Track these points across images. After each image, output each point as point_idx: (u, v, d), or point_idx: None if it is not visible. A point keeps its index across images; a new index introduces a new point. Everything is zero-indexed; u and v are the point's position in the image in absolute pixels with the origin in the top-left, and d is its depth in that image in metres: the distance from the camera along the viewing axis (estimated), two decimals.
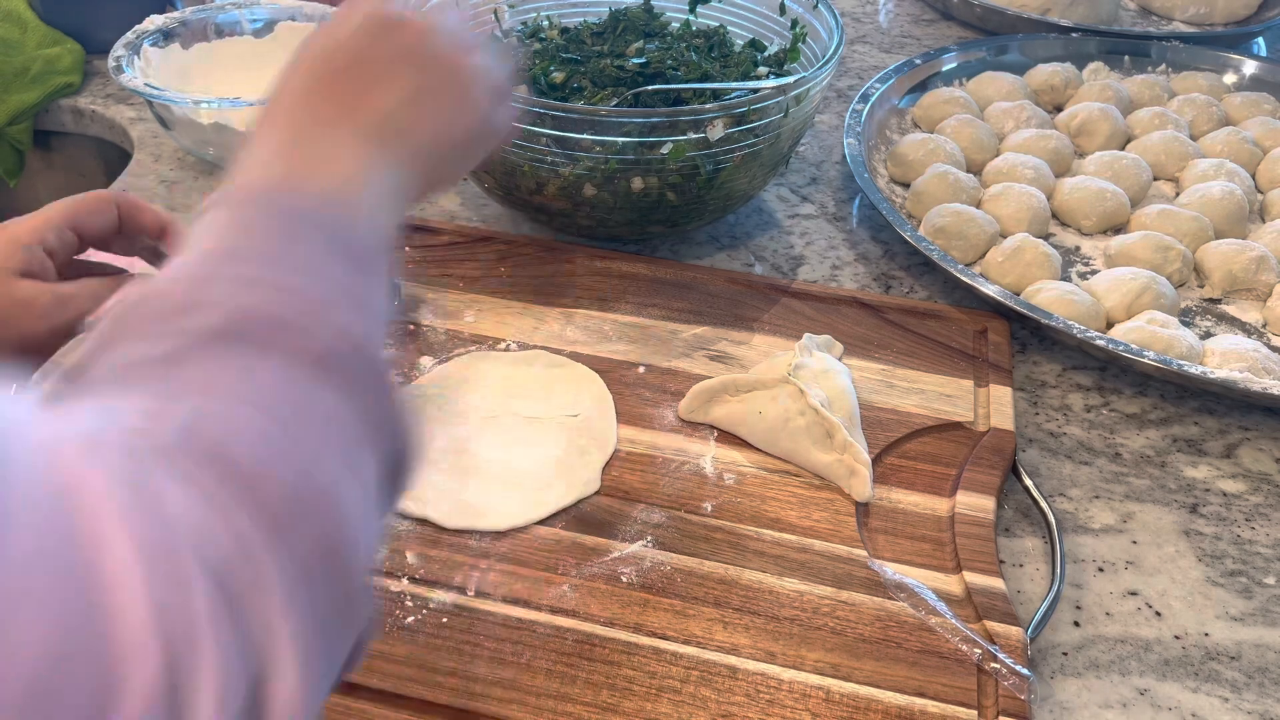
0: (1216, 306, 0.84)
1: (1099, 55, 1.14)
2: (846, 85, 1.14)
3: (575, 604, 0.56)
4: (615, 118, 0.73)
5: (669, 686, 0.52)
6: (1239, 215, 0.90)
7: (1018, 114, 1.01)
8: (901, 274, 0.85)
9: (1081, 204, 0.90)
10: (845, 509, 0.62)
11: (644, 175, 0.76)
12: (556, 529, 0.60)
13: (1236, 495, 0.68)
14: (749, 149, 0.77)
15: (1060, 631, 0.59)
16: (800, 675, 0.53)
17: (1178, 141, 0.98)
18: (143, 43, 0.92)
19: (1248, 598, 0.61)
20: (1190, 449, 0.71)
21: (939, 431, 0.68)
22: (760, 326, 0.76)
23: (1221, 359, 0.74)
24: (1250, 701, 0.56)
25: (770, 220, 0.91)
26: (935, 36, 1.26)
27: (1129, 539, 0.65)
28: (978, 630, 0.55)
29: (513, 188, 0.81)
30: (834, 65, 0.79)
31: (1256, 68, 1.11)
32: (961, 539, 0.60)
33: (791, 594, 0.57)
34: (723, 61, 0.86)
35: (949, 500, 0.63)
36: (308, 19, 0.97)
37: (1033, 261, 0.81)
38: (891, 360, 0.73)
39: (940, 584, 0.58)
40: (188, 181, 0.92)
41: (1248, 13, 1.27)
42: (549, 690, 0.52)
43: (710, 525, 0.61)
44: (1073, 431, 0.72)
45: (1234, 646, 0.59)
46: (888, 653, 0.54)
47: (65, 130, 1.07)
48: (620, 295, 0.78)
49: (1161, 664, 0.57)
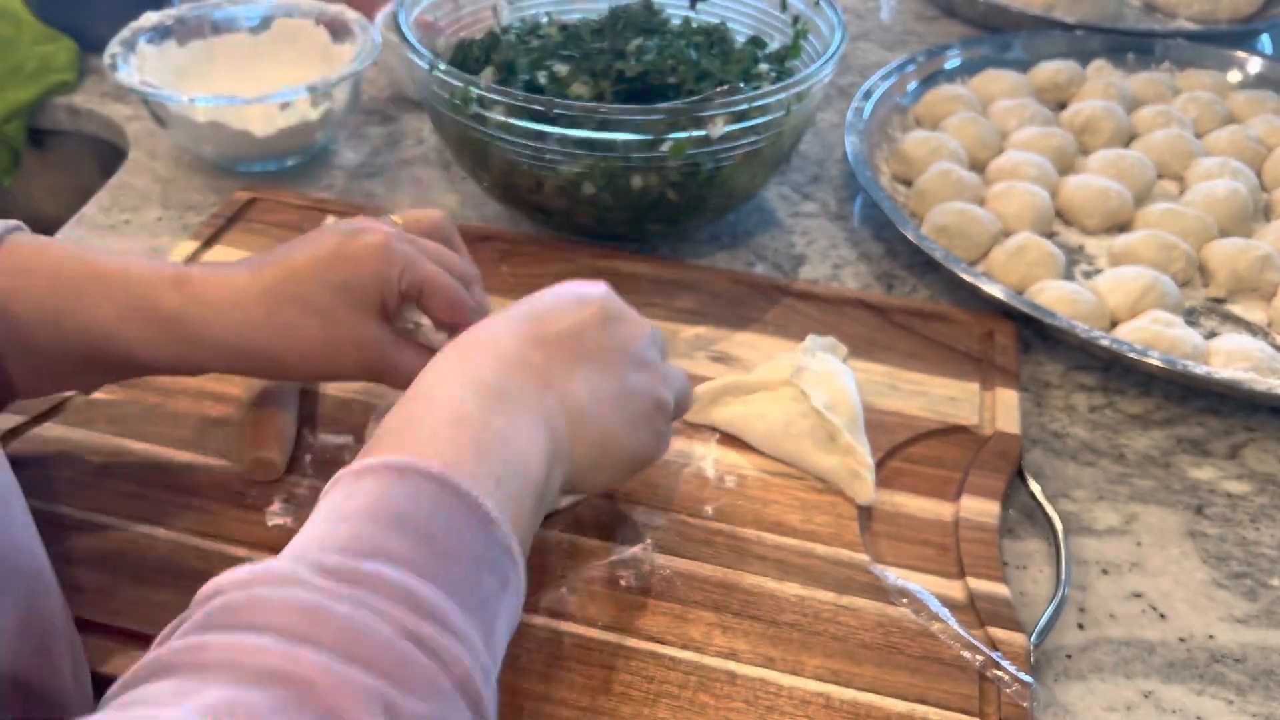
0: (1221, 306, 0.84)
1: (1103, 53, 1.13)
2: (848, 82, 1.13)
3: (573, 607, 0.56)
4: (615, 115, 0.73)
5: (667, 692, 0.52)
6: (1244, 214, 0.89)
7: (1021, 112, 1.00)
8: (904, 273, 0.85)
9: (1085, 202, 0.90)
10: (848, 513, 0.62)
11: (644, 173, 0.76)
12: (555, 531, 0.60)
13: (1242, 496, 0.68)
14: (750, 147, 0.77)
15: (1064, 634, 0.58)
16: (800, 681, 0.53)
17: (1182, 140, 0.97)
18: (138, 40, 0.91)
19: (1253, 600, 0.61)
20: (1195, 450, 0.71)
21: (943, 435, 0.67)
22: (763, 327, 0.75)
23: (1226, 359, 0.73)
24: (1255, 704, 0.55)
25: (771, 219, 0.91)
26: (938, 34, 1.26)
27: (1133, 540, 0.64)
28: (980, 637, 0.55)
29: (512, 186, 0.80)
30: (836, 62, 0.79)
31: (1261, 65, 1.11)
32: (965, 544, 0.60)
33: (792, 599, 0.57)
34: (723, 59, 0.85)
35: (953, 505, 0.63)
36: (304, 15, 0.97)
37: (1036, 260, 0.81)
38: (896, 363, 0.73)
39: (943, 589, 0.58)
40: (183, 180, 0.92)
41: (1252, 10, 1.26)
42: (544, 694, 0.51)
43: (711, 528, 0.60)
44: (1077, 432, 0.71)
45: (1239, 649, 0.58)
46: (889, 659, 0.54)
47: (60, 128, 1.06)
48: (621, 295, 0.77)
49: (1166, 666, 0.57)
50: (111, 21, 0.92)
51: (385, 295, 0.54)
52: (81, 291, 0.52)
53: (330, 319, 0.53)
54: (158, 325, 0.52)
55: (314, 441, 0.64)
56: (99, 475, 0.61)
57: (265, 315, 0.53)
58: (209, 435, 0.64)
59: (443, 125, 0.81)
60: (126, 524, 0.58)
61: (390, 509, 0.38)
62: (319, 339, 0.53)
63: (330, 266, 0.53)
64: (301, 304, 0.53)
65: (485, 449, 0.42)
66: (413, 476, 0.39)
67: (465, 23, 0.91)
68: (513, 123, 0.74)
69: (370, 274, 0.53)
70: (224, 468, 0.62)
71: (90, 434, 0.64)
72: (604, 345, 0.50)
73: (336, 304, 0.53)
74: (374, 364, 0.55)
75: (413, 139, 0.99)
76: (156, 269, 0.54)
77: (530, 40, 0.88)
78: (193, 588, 0.58)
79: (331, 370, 0.55)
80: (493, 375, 0.45)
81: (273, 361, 0.54)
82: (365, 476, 0.39)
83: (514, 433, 0.44)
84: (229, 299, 0.53)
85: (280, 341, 0.53)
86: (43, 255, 0.53)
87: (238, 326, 0.53)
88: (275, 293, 0.53)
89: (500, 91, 0.73)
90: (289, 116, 0.88)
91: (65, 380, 0.57)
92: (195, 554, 0.57)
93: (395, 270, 0.54)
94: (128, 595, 0.55)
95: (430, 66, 0.76)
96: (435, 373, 0.46)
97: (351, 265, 0.53)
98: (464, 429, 0.42)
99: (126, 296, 0.52)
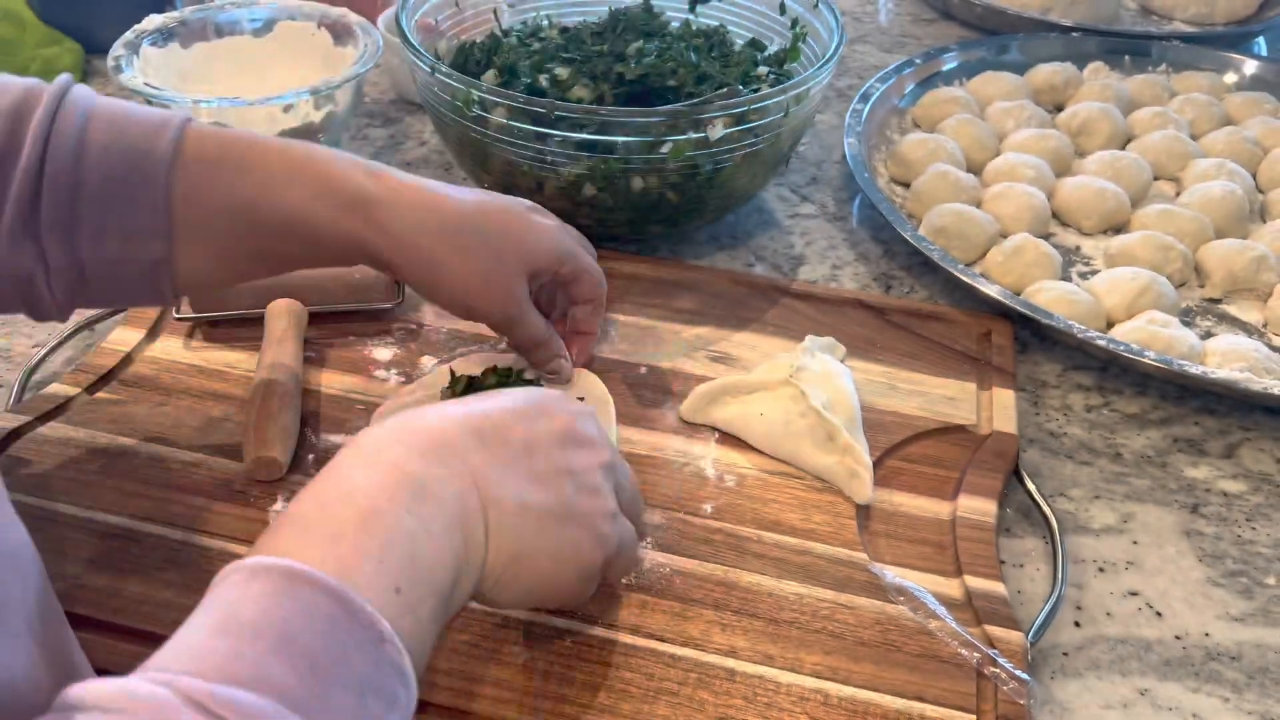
0: (1217, 306, 0.84)
1: (1099, 55, 1.14)
2: (847, 85, 1.13)
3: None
4: (615, 117, 0.73)
5: (666, 689, 0.52)
6: (1240, 215, 0.90)
7: (1018, 113, 1.01)
8: (902, 274, 0.85)
9: (1082, 204, 0.90)
10: (846, 512, 0.62)
11: (644, 175, 0.76)
12: None
13: (1237, 495, 0.68)
14: (749, 148, 0.77)
15: (1061, 632, 0.59)
16: (799, 678, 0.53)
17: (1178, 141, 0.98)
18: (142, 42, 0.91)
19: (1249, 598, 0.61)
20: (1191, 449, 0.71)
21: (941, 434, 0.68)
22: (762, 327, 0.76)
23: (1222, 359, 0.74)
24: (1251, 702, 0.56)
25: (770, 220, 0.91)
26: (935, 36, 1.26)
27: (1130, 539, 0.65)
28: (977, 634, 0.55)
29: (512, 187, 0.80)
30: (834, 65, 0.79)
31: (1257, 67, 1.11)
32: (963, 543, 0.60)
33: (791, 597, 0.57)
34: (723, 61, 0.86)
35: (950, 504, 0.63)
36: (307, 18, 0.97)
37: (1033, 261, 0.81)
38: (894, 363, 0.73)
39: (940, 588, 0.58)
40: None
41: (1248, 12, 1.27)
42: (545, 691, 0.52)
43: (710, 527, 0.61)
44: (1073, 432, 0.72)
45: (1235, 647, 0.59)
46: (887, 656, 0.54)
47: None
48: (621, 295, 0.78)
49: (1162, 664, 0.57)
50: (115, 24, 0.93)
51: (542, 269, 0.62)
52: (272, 174, 0.54)
53: (501, 263, 0.60)
54: (350, 206, 0.55)
55: (316, 441, 0.65)
56: (101, 474, 0.62)
57: (452, 233, 0.58)
58: (212, 434, 0.65)
59: (444, 127, 0.82)
60: (129, 522, 0.59)
61: (277, 627, 0.35)
62: (483, 274, 0.59)
63: (517, 224, 0.61)
64: (485, 239, 0.59)
65: (390, 553, 0.39)
66: (306, 587, 0.36)
67: (466, 25, 0.91)
68: (514, 125, 0.75)
69: (543, 249, 0.62)
70: (227, 466, 0.63)
71: (93, 433, 0.64)
72: (554, 462, 0.47)
73: (512, 255, 0.60)
74: (512, 314, 0.61)
75: (414, 141, 1.00)
76: (347, 157, 0.57)
77: (531, 43, 0.88)
78: (195, 586, 0.58)
79: (479, 304, 0.60)
80: (420, 466, 0.42)
81: (436, 274, 0.58)
82: (259, 578, 0.37)
83: (425, 534, 0.41)
84: (424, 204, 0.57)
85: (453, 260, 0.58)
86: (227, 143, 0.55)
87: (422, 230, 0.57)
88: (470, 220, 0.59)
89: (502, 94, 0.74)
90: (292, 118, 0.89)
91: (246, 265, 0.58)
92: (198, 552, 0.57)
93: (558, 255, 0.63)
94: (130, 594, 0.55)
95: (432, 69, 0.76)
96: (360, 452, 0.43)
97: (533, 233, 0.62)
98: (372, 528, 0.39)
99: (318, 180, 0.55)
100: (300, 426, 0.65)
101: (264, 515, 0.60)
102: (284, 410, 0.63)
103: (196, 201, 0.54)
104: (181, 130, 0.54)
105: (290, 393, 0.65)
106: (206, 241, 0.55)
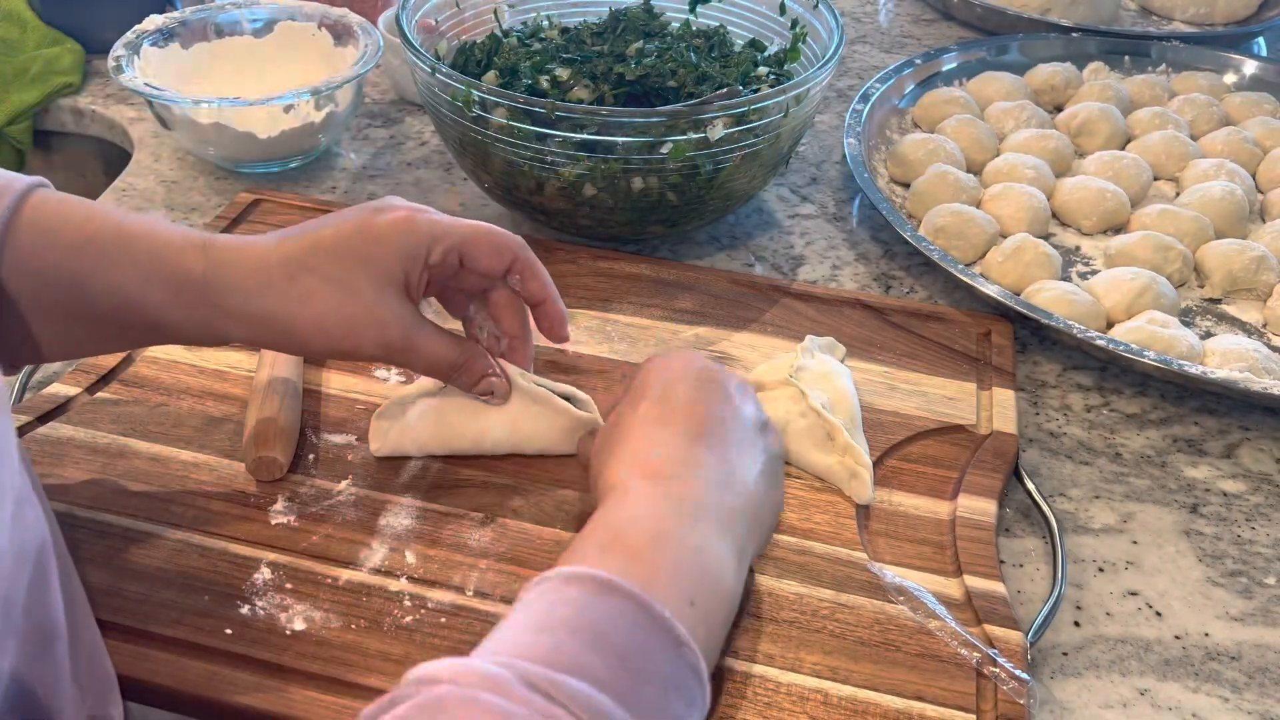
0: (1217, 306, 0.84)
1: (1099, 55, 1.14)
2: (847, 85, 1.13)
3: None
4: (615, 118, 0.73)
5: None
6: (1239, 215, 0.90)
7: (1018, 114, 1.01)
8: (901, 274, 0.85)
9: (1082, 204, 0.90)
10: (846, 511, 0.62)
11: (644, 175, 0.76)
12: (556, 529, 0.60)
13: (1237, 495, 0.68)
14: (749, 149, 0.77)
15: (1060, 632, 0.59)
16: (798, 678, 0.53)
17: (1178, 141, 0.98)
18: (143, 42, 0.91)
19: (1248, 598, 0.61)
20: (1190, 449, 0.71)
21: (941, 434, 0.68)
22: (762, 327, 0.76)
23: (1222, 359, 0.74)
24: (1250, 702, 0.56)
25: (770, 220, 0.91)
26: (935, 36, 1.26)
27: (1129, 539, 0.65)
28: (977, 634, 0.55)
29: (513, 188, 0.81)
30: (834, 65, 0.79)
31: (1257, 67, 1.11)
32: (962, 542, 0.60)
33: (790, 596, 0.57)
34: (723, 62, 0.86)
35: (950, 503, 0.63)
36: (307, 18, 0.97)
37: (1033, 261, 0.81)
38: (894, 363, 0.73)
39: (940, 587, 0.58)
40: (188, 181, 0.92)
41: (1248, 13, 1.27)
42: None
43: None
44: (1073, 431, 0.72)
45: (1234, 646, 0.59)
46: (886, 656, 0.54)
47: (65, 130, 1.07)
48: (621, 296, 0.78)
49: (1162, 664, 0.57)
50: (116, 24, 0.93)
51: (410, 273, 0.54)
52: (105, 252, 0.51)
53: (349, 292, 0.52)
54: (181, 289, 0.52)
55: (317, 441, 0.65)
56: (103, 474, 0.62)
57: (286, 283, 0.52)
58: (212, 435, 0.65)
59: (445, 127, 0.82)
60: (130, 523, 0.59)
61: (591, 626, 0.40)
62: (337, 312, 0.52)
63: (353, 240, 0.53)
64: (322, 275, 0.52)
65: (681, 568, 0.44)
66: (614, 594, 0.41)
67: (467, 26, 0.92)
68: (514, 125, 0.75)
69: (393, 250, 0.53)
70: (227, 467, 0.63)
71: (94, 433, 0.64)
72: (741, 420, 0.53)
73: (357, 278, 0.52)
74: (394, 343, 0.54)
75: (415, 141, 1.00)
76: (183, 233, 0.53)
77: (531, 43, 0.88)
78: (196, 586, 0.58)
79: (350, 346, 0.54)
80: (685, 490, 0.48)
81: (291, 333, 0.53)
82: (572, 584, 0.41)
83: (709, 546, 0.46)
84: (252, 265, 0.52)
85: (299, 311, 0.52)
86: (67, 214, 0.51)
87: (258, 293, 0.52)
88: (297, 262, 0.52)
89: (502, 94, 0.74)
90: (292, 119, 0.89)
91: (88, 344, 0.55)
92: (199, 552, 0.57)
93: (421, 247, 0.53)
94: (131, 593, 0.55)
95: (432, 69, 0.76)
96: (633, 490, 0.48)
97: (374, 240, 0.53)
98: (663, 547, 0.45)
99: (150, 259, 0.51)
100: (300, 426, 0.65)
101: (264, 515, 0.60)
102: (284, 410, 0.63)
103: (28, 274, 0.50)
104: (21, 197, 0.50)
105: (290, 393, 0.65)
106: (41, 316, 0.51)
